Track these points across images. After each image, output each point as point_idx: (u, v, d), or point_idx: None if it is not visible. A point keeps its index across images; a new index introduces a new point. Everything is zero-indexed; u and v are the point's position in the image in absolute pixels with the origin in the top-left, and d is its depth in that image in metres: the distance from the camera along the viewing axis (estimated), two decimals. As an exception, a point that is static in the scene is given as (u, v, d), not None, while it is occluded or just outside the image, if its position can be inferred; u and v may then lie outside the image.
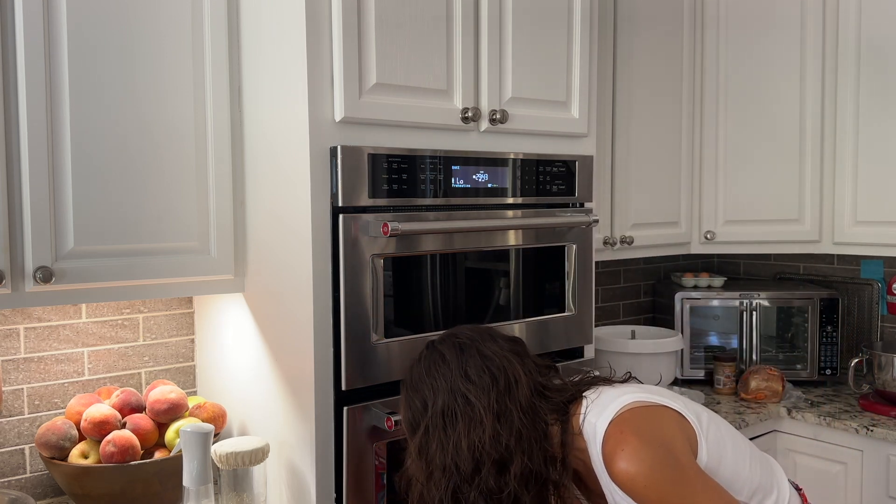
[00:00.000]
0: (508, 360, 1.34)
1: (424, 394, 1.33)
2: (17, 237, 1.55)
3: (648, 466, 1.22)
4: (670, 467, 1.23)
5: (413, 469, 1.35)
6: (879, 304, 2.97)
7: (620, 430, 1.26)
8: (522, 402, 1.29)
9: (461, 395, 1.29)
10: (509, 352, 1.36)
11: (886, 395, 2.50)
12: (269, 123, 1.76)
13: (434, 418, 1.30)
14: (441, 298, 1.84)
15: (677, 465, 1.24)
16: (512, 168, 1.94)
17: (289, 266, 1.71)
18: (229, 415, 1.95)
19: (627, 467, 1.22)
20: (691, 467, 1.25)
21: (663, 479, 1.22)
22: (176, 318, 2.10)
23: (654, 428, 1.27)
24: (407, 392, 1.38)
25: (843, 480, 2.45)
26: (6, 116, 1.53)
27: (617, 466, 1.23)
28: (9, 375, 1.85)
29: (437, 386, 1.32)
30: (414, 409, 1.34)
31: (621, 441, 1.25)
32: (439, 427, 1.29)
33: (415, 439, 1.34)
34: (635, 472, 1.22)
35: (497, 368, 1.31)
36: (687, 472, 1.24)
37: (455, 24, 1.83)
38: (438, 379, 1.32)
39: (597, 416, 1.30)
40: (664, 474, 1.22)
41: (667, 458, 1.23)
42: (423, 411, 1.32)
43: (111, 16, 1.65)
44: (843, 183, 2.74)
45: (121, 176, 1.67)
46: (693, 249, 2.93)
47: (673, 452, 1.25)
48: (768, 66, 2.82)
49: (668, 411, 1.31)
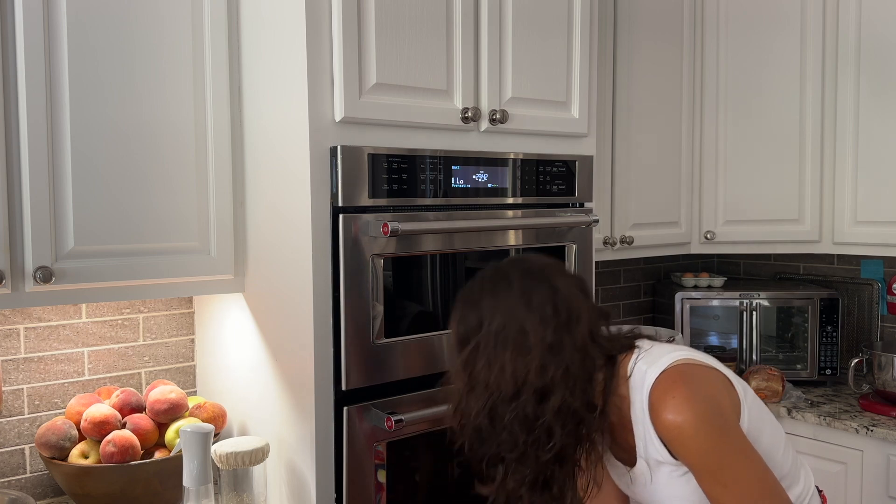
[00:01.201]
0: (575, 296, 1.32)
1: (482, 312, 1.31)
2: (17, 237, 1.55)
3: (696, 417, 1.22)
4: (717, 422, 1.24)
5: (455, 379, 1.34)
6: (879, 304, 2.96)
7: (672, 380, 1.26)
8: (577, 341, 1.27)
9: (518, 322, 1.27)
10: (576, 287, 1.34)
11: (886, 395, 2.50)
12: (269, 123, 1.76)
13: (486, 337, 1.29)
14: (441, 298, 1.84)
15: (724, 422, 1.25)
16: (512, 168, 1.94)
17: (289, 266, 1.71)
18: (229, 415, 1.95)
19: (675, 416, 1.22)
20: (736, 428, 1.26)
21: (709, 432, 1.22)
22: (176, 318, 2.10)
23: (705, 384, 1.28)
24: (463, 305, 1.36)
25: (843, 480, 2.45)
26: (6, 116, 1.53)
27: (664, 414, 1.24)
28: (9, 375, 1.85)
29: (497, 307, 1.30)
30: (468, 324, 1.33)
31: (672, 389, 1.25)
32: (490, 346, 1.28)
33: (462, 353, 1.32)
34: (682, 421, 1.22)
35: (562, 302, 1.29)
36: (731, 431, 1.25)
37: (455, 24, 1.83)
38: (500, 300, 1.30)
39: (648, 364, 1.30)
40: (710, 427, 1.23)
41: (715, 413, 1.24)
42: (477, 328, 1.30)
43: (111, 16, 1.65)
44: (843, 183, 2.73)
45: (121, 176, 1.67)
46: (693, 249, 2.93)
47: (721, 410, 1.26)
48: (768, 66, 2.82)
49: (718, 374, 1.32)
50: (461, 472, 1.90)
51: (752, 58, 2.83)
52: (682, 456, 1.25)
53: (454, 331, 1.36)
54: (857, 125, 2.68)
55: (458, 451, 1.33)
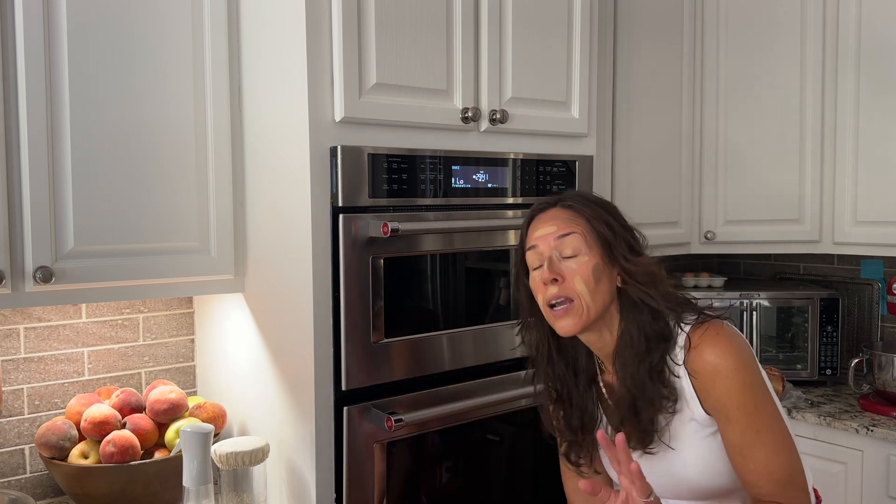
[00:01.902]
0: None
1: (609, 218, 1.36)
2: (17, 237, 1.55)
3: (736, 357, 1.26)
4: (754, 368, 1.28)
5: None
6: (879, 304, 2.96)
7: (716, 330, 1.29)
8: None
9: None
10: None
11: (886, 395, 2.50)
12: (269, 123, 1.76)
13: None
14: (441, 298, 1.84)
15: (759, 372, 1.29)
16: (512, 168, 1.94)
17: (289, 266, 1.71)
18: (229, 415, 1.95)
19: (716, 356, 1.26)
20: (766, 387, 1.29)
21: (748, 373, 1.26)
22: (176, 318, 2.10)
23: (745, 345, 1.31)
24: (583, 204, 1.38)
25: (843, 480, 2.45)
26: (6, 117, 1.53)
27: (705, 354, 1.27)
28: (9, 375, 1.85)
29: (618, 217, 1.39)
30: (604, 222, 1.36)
31: (714, 335, 1.28)
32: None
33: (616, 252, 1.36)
34: (724, 359, 1.26)
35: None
36: (764, 384, 1.29)
37: (455, 24, 1.83)
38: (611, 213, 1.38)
39: (692, 317, 1.34)
40: (749, 369, 1.27)
41: (753, 363, 1.29)
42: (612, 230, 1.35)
43: (111, 16, 1.65)
44: (843, 183, 2.73)
45: (121, 176, 1.67)
46: (693, 249, 2.93)
47: (757, 365, 1.30)
48: (768, 66, 2.82)
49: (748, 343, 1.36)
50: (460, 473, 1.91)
51: (752, 57, 2.83)
52: (719, 395, 1.26)
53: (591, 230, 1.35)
54: (858, 125, 2.68)
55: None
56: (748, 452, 1.24)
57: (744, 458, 1.24)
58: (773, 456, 1.23)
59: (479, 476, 1.94)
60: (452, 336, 1.84)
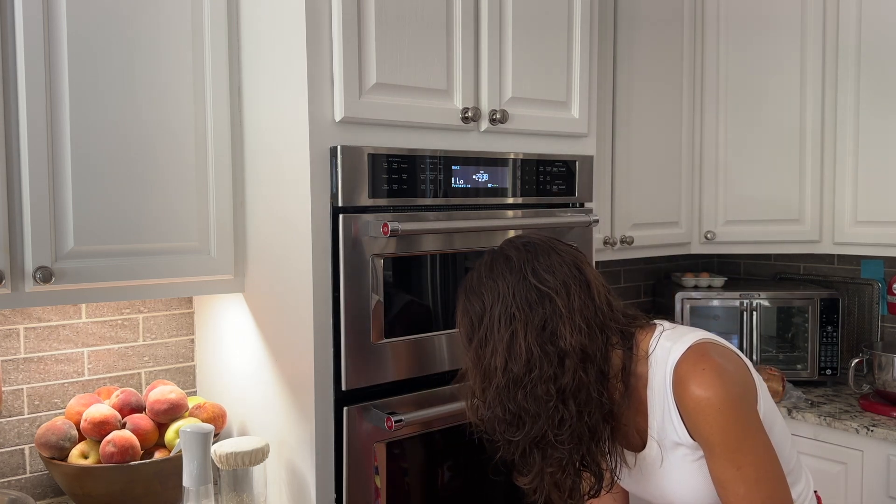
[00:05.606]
0: (583, 261, 1.31)
1: (484, 297, 1.28)
2: (17, 237, 1.55)
3: (724, 392, 1.22)
4: (742, 402, 1.24)
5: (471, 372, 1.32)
6: (879, 304, 2.96)
7: (701, 355, 1.26)
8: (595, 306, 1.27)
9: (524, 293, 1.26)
10: (581, 257, 1.33)
11: (887, 396, 2.50)
12: (269, 123, 1.76)
13: (492, 320, 1.27)
14: (441, 298, 1.84)
15: (748, 404, 1.25)
16: (512, 168, 1.94)
17: (289, 266, 1.71)
18: (229, 415, 1.95)
19: (703, 390, 1.22)
20: (756, 412, 1.27)
21: (734, 410, 1.22)
22: (176, 318, 2.10)
23: (732, 364, 1.28)
24: (465, 296, 1.33)
25: (843, 480, 2.45)
26: (6, 117, 1.53)
27: (691, 387, 1.23)
28: (9, 375, 1.85)
29: (498, 288, 1.27)
30: (472, 313, 1.30)
31: (701, 363, 1.24)
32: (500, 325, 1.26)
33: (473, 342, 1.30)
34: (711, 395, 1.22)
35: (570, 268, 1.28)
36: (753, 414, 1.25)
37: (455, 24, 1.83)
38: (501, 279, 1.28)
39: (673, 341, 1.29)
40: (736, 405, 1.23)
41: (740, 393, 1.25)
42: (481, 314, 1.28)
43: (111, 16, 1.65)
44: (843, 183, 2.73)
45: (121, 176, 1.67)
46: (693, 249, 2.93)
47: (745, 391, 1.26)
48: (768, 66, 2.82)
49: (740, 358, 1.32)
50: (459, 473, 1.91)
51: (752, 58, 2.83)
52: (702, 431, 1.24)
53: (460, 324, 1.34)
54: (858, 125, 2.68)
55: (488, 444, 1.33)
56: (728, 486, 1.23)
57: (724, 491, 1.24)
58: (753, 492, 1.22)
59: (479, 476, 1.94)
60: (453, 336, 1.84)
